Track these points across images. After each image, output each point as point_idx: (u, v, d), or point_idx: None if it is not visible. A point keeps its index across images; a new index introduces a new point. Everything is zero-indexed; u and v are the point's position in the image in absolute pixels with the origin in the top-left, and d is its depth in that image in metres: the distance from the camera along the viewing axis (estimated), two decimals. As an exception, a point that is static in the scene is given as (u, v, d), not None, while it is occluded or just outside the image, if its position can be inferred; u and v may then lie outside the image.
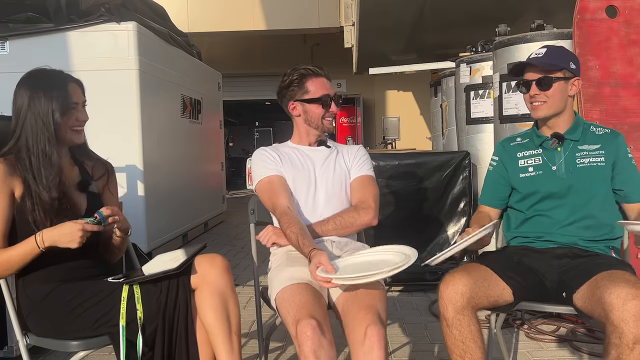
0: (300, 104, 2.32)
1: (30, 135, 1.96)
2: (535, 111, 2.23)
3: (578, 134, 2.24)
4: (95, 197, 2.13)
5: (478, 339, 1.98)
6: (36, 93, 1.96)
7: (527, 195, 2.28)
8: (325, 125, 2.33)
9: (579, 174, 2.20)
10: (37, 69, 2.04)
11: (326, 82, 2.33)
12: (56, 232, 1.87)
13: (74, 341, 1.93)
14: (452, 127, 6.20)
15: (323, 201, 2.28)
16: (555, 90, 2.18)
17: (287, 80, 2.33)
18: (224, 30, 12.15)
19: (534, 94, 2.20)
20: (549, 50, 2.22)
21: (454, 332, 1.98)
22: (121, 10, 4.87)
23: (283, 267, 2.12)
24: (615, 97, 3.23)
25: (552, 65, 2.17)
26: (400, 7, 7.19)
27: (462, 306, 1.95)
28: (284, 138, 2.54)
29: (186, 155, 6.44)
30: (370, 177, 2.37)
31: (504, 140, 2.45)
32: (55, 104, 1.96)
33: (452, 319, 1.97)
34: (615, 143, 2.23)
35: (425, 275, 4.24)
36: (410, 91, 14.19)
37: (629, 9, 3.29)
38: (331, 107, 2.31)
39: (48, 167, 1.96)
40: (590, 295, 1.92)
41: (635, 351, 1.74)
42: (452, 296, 1.96)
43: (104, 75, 4.65)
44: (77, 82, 2.07)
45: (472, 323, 1.98)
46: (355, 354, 1.78)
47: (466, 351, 1.97)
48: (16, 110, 1.99)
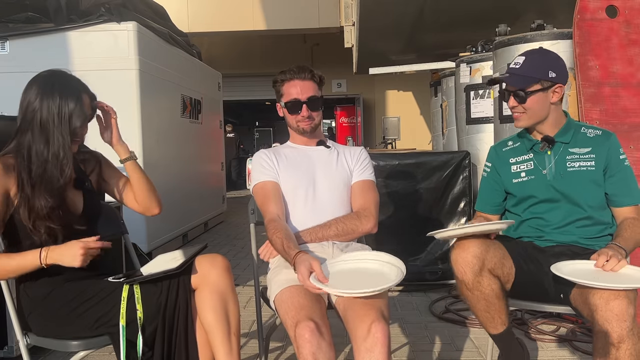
0: (281, 106, 2.35)
1: (40, 136, 1.91)
2: (516, 121, 2.25)
3: (569, 136, 2.24)
4: (91, 194, 2.12)
5: (500, 293, 2.06)
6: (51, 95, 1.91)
7: (522, 200, 2.29)
8: (301, 127, 2.31)
9: (570, 179, 2.20)
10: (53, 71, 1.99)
11: (300, 85, 2.27)
12: (59, 251, 1.86)
13: (74, 341, 1.93)
14: (452, 127, 6.20)
15: (324, 201, 2.27)
16: (532, 102, 2.17)
17: (274, 80, 2.35)
18: (223, 30, 12.16)
19: (512, 106, 2.21)
20: (527, 59, 2.20)
21: (475, 293, 2.05)
22: (121, 10, 4.87)
23: (282, 268, 2.12)
24: (615, 97, 3.22)
25: (527, 79, 2.16)
26: (400, 7, 7.19)
27: (480, 268, 2.01)
28: (284, 138, 2.55)
29: (186, 155, 6.44)
30: (372, 182, 2.37)
31: (496, 145, 2.46)
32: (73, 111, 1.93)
33: (471, 282, 2.03)
34: (607, 145, 2.21)
35: (425, 275, 4.24)
36: (410, 91, 14.19)
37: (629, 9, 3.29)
38: (301, 112, 2.27)
39: (57, 173, 1.91)
40: (579, 296, 1.96)
41: (621, 350, 1.78)
42: (469, 259, 2.01)
43: (103, 75, 4.64)
44: (89, 94, 2.04)
45: (492, 282, 2.04)
46: (358, 350, 1.78)
47: (489, 305, 2.06)
48: (25, 106, 1.93)
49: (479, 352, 3.00)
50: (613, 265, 1.89)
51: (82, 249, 1.84)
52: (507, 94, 2.22)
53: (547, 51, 2.28)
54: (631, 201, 2.19)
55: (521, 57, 2.22)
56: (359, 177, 2.35)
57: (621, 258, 1.91)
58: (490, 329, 2.14)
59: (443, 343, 3.17)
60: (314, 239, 2.19)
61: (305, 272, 1.83)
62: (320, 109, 2.32)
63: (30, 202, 1.88)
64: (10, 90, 2.07)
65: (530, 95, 2.16)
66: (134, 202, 2.21)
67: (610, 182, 2.19)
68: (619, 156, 2.21)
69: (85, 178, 2.13)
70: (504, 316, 2.10)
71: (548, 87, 2.17)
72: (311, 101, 2.27)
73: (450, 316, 3.57)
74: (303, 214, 2.26)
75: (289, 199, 2.27)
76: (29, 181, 1.90)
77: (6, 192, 1.90)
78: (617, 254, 1.93)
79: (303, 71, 2.29)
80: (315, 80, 2.31)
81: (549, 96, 2.18)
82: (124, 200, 2.23)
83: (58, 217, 1.91)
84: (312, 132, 2.34)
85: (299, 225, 2.24)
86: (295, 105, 2.27)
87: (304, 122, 2.29)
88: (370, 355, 1.75)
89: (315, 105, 2.29)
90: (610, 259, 1.90)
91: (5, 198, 1.90)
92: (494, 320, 2.10)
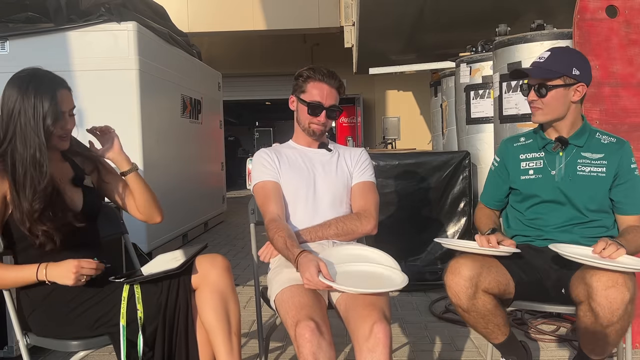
0: (297, 100, 2.34)
1: (20, 139, 1.89)
2: (533, 115, 2.24)
3: (583, 140, 2.22)
4: (91, 190, 2.11)
5: (497, 310, 2.06)
6: (27, 96, 1.88)
7: (527, 198, 2.28)
8: (312, 129, 2.31)
9: (578, 182, 2.19)
10: (28, 70, 1.96)
11: (327, 90, 2.27)
12: (54, 270, 1.87)
13: (74, 341, 1.93)
14: (452, 127, 6.20)
15: (324, 203, 2.28)
16: (552, 98, 2.16)
17: (299, 73, 2.34)
18: (223, 30, 12.16)
19: (531, 100, 2.20)
20: (553, 54, 2.19)
21: (472, 314, 2.06)
22: (121, 10, 4.87)
23: (282, 268, 2.12)
24: (615, 97, 3.22)
25: (551, 72, 2.15)
26: (400, 7, 7.19)
27: (474, 291, 2.00)
28: (284, 138, 2.54)
29: (186, 155, 6.44)
30: (372, 183, 2.37)
31: (507, 139, 2.44)
32: (47, 110, 1.89)
33: (466, 305, 2.03)
34: (620, 153, 2.20)
35: (425, 275, 4.24)
36: (410, 91, 14.19)
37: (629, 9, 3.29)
38: (319, 117, 2.28)
39: (37, 175, 1.89)
40: (575, 278, 1.98)
41: (608, 329, 1.85)
42: (462, 284, 2.00)
43: (103, 75, 4.64)
44: (67, 88, 2.00)
45: (487, 301, 2.03)
46: (360, 351, 1.78)
47: (487, 322, 2.07)
48: (6, 111, 1.91)
49: (479, 352, 3.00)
50: (611, 252, 1.89)
51: (74, 268, 1.84)
52: (528, 87, 2.21)
53: (574, 50, 2.29)
54: (636, 211, 2.19)
55: (547, 52, 2.21)
56: (359, 178, 2.36)
57: (619, 247, 1.91)
58: (492, 339, 2.16)
59: (443, 343, 3.17)
60: (314, 238, 2.19)
61: (314, 270, 1.83)
62: (335, 119, 2.34)
63: (20, 206, 1.87)
64: (10, 90, 2.07)
65: (551, 90, 2.15)
66: (136, 211, 2.20)
67: (618, 190, 2.19)
68: (630, 165, 2.20)
69: (83, 175, 2.12)
70: (504, 326, 2.11)
71: (570, 85, 2.15)
72: (331, 110, 2.28)
73: (450, 316, 3.57)
74: (303, 216, 2.26)
75: (290, 201, 2.28)
76: (15, 186, 1.88)
77: (3, 196, 1.90)
78: (615, 242, 1.93)
79: (333, 78, 2.29)
80: (340, 91, 2.32)
81: (570, 94, 2.17)
82: (127, 208, 2.22)
83: (49, 219, 1.89)
84: (320, 136, 2.35)
85: (298, 226, 2.24)
86: (316, 108, 2.27)
87: (317, 125, 2.30)
88: (372, 356, 1.75)
89: (333, 115, 2.30)
90: (609, 246, 1.90)
91: (1, 202, 1.90)
92: (494, 333, 2.12)
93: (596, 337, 1.90)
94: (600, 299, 1.81)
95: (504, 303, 2.13)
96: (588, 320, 1.88)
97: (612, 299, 1.80)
